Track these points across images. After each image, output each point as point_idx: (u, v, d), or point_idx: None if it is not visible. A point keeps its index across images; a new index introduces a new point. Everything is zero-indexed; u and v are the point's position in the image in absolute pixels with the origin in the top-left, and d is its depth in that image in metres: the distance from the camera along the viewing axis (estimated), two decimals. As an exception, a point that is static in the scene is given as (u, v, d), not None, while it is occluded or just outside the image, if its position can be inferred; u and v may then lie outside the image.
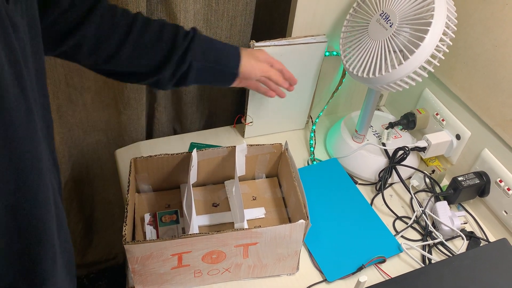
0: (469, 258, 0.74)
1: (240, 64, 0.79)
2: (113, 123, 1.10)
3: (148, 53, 0.72)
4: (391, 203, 0.96)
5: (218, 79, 0.80)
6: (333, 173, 1.00)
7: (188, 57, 0.74)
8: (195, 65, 0.75)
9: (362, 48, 0.85)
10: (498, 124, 0.86)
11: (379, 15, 0.83)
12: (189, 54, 0.73)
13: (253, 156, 0.88)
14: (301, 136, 1.10)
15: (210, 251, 0.72)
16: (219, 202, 0.88)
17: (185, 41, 0.74)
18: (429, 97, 1.02)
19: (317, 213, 0.91)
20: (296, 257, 0.79)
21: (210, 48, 0.77)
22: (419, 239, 0.90)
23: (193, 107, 1.11)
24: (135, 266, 0.71)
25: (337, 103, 1.15)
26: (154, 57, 0.73)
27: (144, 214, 0.84)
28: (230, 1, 0.94)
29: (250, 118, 1.03)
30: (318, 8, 0.92)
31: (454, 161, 0.99)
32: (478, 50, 0.87)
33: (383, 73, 0.81)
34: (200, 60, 0.75)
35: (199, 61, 0.75)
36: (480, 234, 0.93)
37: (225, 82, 0.81)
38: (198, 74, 0.76)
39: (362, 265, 0.82)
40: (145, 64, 0.73)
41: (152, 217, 0.84)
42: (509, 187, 0.86)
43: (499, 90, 0.84)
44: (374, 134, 1.05)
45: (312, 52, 0.95)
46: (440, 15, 0.76)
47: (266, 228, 0.71)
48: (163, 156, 0.82)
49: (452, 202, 0.93)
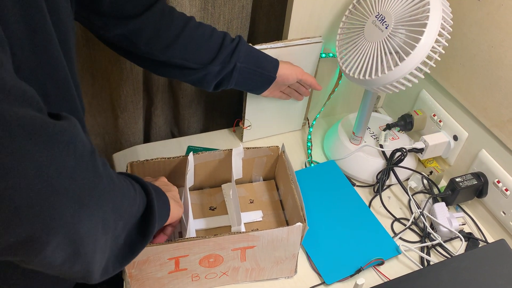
0: (467, 259, 0.74)
1: (278, 69, 0.88)
2: (110, 127, 1.09)
3: (200, 49, 0.79)
4: (389, 205, 0.96)
5: (258, 82, 0.88)
6: (330, 175, 1.00)
7: (234, 58, 0.81)
8: (238, 66, 0.82)
9: (358, 50, 0.85)
10: (495, 125, 0.86)
11: (375, 16, 0.83)
12: (234, 55, 0.81)
13: (250, 159, 0.88)
14: (299, 138, 1.10)
15: (207, 254, 0.72)
16: (216, 205, 0.88)
17: (232, 43, 0.81)
18: (426, 99, 1.02)
19: (315, 215, 0.91)
20: (294, 260, 0.79)
21: (252, 53, 0.85)
22: (417, 240, 0.90)
23: (190, 111, 1.11)
24: (132, 271, 0.70)
25: (334, 105, 1.14)
26: (205, 53, 0.79)
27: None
28: (226, 5, 0.94)
29: (248, 122, 1.03)
30: (314, 10, 0.92)
31: (451, 162, 0.99)
32: (474, 51, 0.87)
33: (379, 75, 0.81)
34: (243, 62, 0.83)
35: (243, 63, 0.83)
36: (478, 235, 0.92)
37: (262, 86, 0.89)
38: (240, 76, 0.84)
39: (360, 267, 0.82)
40: (195, 59, 0.79)
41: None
42: (507, 187, 0.86)
43: (496, 91, 0.84)
44: (371, 135, 1.05)
45: (308, 53, 0.95)
46: (435, 16, 0.76)
47: (264, 231, 0.71)
48: (159, 160, 0.82)
49: (450, 203, 0.93)
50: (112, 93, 1.01)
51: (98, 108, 1.05)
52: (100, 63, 0.96)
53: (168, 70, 0.81)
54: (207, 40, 0.80)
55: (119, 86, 0.99)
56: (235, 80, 0.84)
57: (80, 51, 0.92)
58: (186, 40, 0.77)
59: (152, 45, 0.76)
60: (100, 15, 0.71)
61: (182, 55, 0.78)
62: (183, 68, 0.80)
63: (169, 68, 0.80)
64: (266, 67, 0.86)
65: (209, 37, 0.80)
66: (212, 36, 0.80)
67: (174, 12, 0.78)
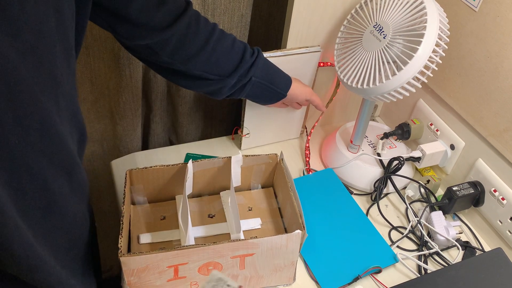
0: (464, 267, 0.74)
1: (290, 88, 0.88)
2: (108, 134, 1.10)
3: (221, 62, 0.78)
4: (387, 213, 0.96)
5: (267, 96, 0.88)
6: (328, 184, 1.00)
7: (251, 72, 0.81)
8: (253, 80, 0.82)
9: (356, 59, 0.86)
10: (491, 134, 0.87)
11: (373, 26, 0.84)
12: (252, 69, 0.81)
13: (248, 167, 0.88)
14: (297, 146, 1.11)
15: (206, 262, 0.72)
16: (215, 213, 0.88)
17: (252, 58, 0.81)
18: (423, 108, 1.03)
19: (312, 223, 0.91)
20: (292, 268, 0.79)
21: (268, 68, 0.85)
22: (414, 249, 0.90)
23: (189, 118, 1.11)
24: (131, 278, 0.70)
25: (332, 113, 1.15)
26: (225, 66, 0.79)
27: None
28: (225, 13, 0.95)
29: (246, 130, 1.03)
30: (312, 20, 0.93)
31: (448, 171, 1.00)
32: (470, 61, 0.88)
33: (377, 84, 0.81)
34: (258, 76, 0.82)
35: (258, 77, 0.82)
36: (475, 243, 0.93)
37: (271, 101, 0.90)
38: (252, 89, 0.84)
39: (358, 275, 0.82)
40: (215, 71, 0.78)
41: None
42: (504, 196, 0.86)
43: (492, 100, 0.85)
44: (369, 144, 1.06)
45: (306, 62, 0.96)
46: (432, 27, 0.77)
47: (263, 238, 0.71)
48: (158, 167, 0.82)
49: (447, 212, 0.93)
50: (111, 100, 1.02)
51: (97, 114, 1.05)
52: (99, 70, 0.96)
53: (184, 79, 0.79)
54: (229, 53, 0.78)
55: (118, 93, 0.99)
56: (247, 92, 0.83)
57: (79, 58, 0.93)
58: (208, 53, 0.76)
59: (174, 56, 0.74)
60: (126, 23, 0.68)
61: (203, 67, 0.77)
62: (201, 79, 0.79)
63: (186, 78, 0.79)
64: (279, 85, 0.87)
65: (231, 50, 0.79)
66: (233, 49, 0.79)
67: (200, 21, 0.75)
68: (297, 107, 1.00)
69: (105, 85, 0.99)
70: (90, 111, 1.04)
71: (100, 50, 0.92)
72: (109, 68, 0.95)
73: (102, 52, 0.93)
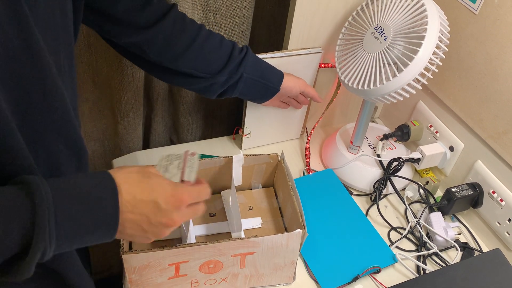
0: (463, 268, 0.75)
1: (282, 81, 0.89)
2: (110, 133, 1.10)
3: (209, 59, 0.80)
4: (386, 214, 0.97)
5: (260, 93, 0.89)
6: (328, 184, 1.01)
7: (241, 68, 0.82)
8: (244, 77, 0.83)
9: (357, 61, 0.87)
10: (490, 136, 0.88)
11: (374, 28, 0.84)
12: (241, 65, 0.82)
13: (249, 166, 0.89)
14: (297, 147, 1.11)
15: (207, 260, 0.72)
16: (215, 212, 0.89)
17: (241, 54, 0.83)
18: (423, 109, 1.04)
19: (312, 223, 0.92)
20: (292, 267, 0.79)
21: (258, 64, 0.86)
22: (413, 249, 0.91)
23: (190, 118, 1.11)
24: (132, 276, 0.71)
25: (332, 114, 1.16)
26: (214, 63, 0.81)
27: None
28: (227, 15, 0.95)
29: (247, 130, 1.04)
30: (314, 21, 0.94)
31: (447, 173, 1.01)
32: (470, 63, 0.89)
33: (378, 85, 0.82)
34: (249, 73, 0.84)
35: (249, 74, 0.84)
36: (474, 244, 0.94)
37: (265, 97, 0.91)
38: (244, 86, 0.85)
39: (357, 275, 0.83)
40: (204, 68, 0.80)
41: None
42: (502, 198, 0.87)
43: (491, 103, 0.86)
44: (369, 145, 1.06)
45: (307, 63, 0.97)
46: (433, 29, 0.77)
47: (263, 237, 0.71)
48: (160, 166, 0.83)
49: (446, 213, 0.94)
50: (113, 99, 1.02)
51: (98, 114, 1.06)
52: (101, 69, 0.97)
53: (175, 77, 0.82)
54: (217, 51, 0.80)
55: (120, 92, 0.99)
56: (239, 89, 0.85)
57: (81, 57, 0.93)
58: (196, 50, 0.78)
59: (162, 54, 0.76)
60: (113, 22, 0.71)
61: (191, 65, 0.79)
62: (191, 77, 0.81)
63: (177, 76, 0.81)
64: (271, 79, 0.88)
65: (219, 48, 0.81)
66: (222, 46, 0.81)
67: (186, 20, 0.78)
68: (297, 107, 1.01)
69: (107, 84, 1.00)
70: (91, 110, 1.04)
71: (102, 49, 0.93)
72: (112, 67, 0.96)
73: (104, 51, 0.93)
